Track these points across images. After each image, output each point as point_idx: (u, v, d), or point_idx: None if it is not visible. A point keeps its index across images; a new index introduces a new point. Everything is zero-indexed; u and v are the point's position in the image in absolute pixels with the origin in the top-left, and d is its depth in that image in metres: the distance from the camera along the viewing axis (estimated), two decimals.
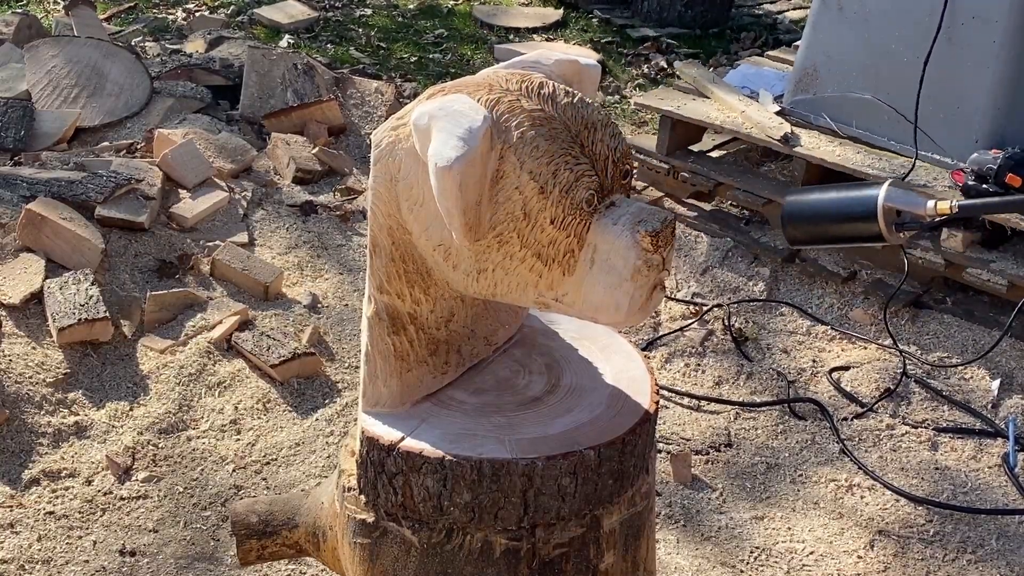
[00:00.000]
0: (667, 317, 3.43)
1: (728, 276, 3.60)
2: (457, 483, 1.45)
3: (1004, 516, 2.70)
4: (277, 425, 2.91)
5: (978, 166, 3.24)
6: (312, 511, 1.75)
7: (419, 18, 6.00)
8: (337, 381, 3.07)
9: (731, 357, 3.26)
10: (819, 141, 3.62)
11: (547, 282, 1.40)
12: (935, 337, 3.33)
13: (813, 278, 3.58)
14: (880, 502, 2.74)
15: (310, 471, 2.75)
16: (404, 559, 1.52)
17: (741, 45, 5.74)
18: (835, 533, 2.64)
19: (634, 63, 5.47)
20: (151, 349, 3.10)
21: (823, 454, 2.90)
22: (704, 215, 3.86)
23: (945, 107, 3.41)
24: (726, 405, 3.07)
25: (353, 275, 3.53)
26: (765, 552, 2.58)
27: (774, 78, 4.02)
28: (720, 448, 2.91)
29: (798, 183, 3.61)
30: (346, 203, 3.90)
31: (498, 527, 1.48)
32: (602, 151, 1.39)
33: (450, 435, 1.49)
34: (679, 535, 2.62)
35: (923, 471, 2.84)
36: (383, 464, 1.48)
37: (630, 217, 1.38)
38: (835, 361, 3.25)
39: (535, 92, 1.40)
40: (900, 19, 3.46)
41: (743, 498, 2.75)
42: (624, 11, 6.12)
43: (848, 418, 3.02)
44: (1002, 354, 3.22)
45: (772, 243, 3.69)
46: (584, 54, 1.49)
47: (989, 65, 3.31)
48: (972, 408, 3.05)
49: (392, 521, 1.51)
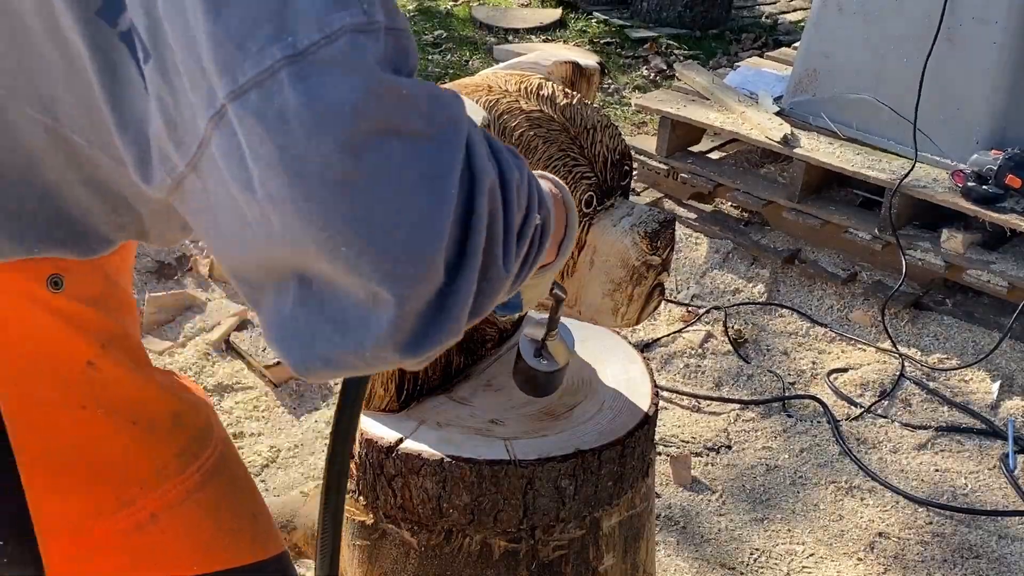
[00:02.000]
0: (666, 319, 3.43)
1: (728, 278, 3.60)
2: (456, 485, 1.44)
3: (1003, 518, 2.70)
4: (275, 427, 2.90)
5: (978, 167, 3.24)
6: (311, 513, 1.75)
7: (418, 19, 5.99)
8: (336, 382, 3.07)
9: (730, 359, 3.25)
10: (819, 142, 3.62)
11: None
12: (935, 339, 3.33)
13: (813, 280, 3.58)
14: (880, 504, 2.73)
15: (308, 473, 2.75)
16: (403, 561, 1.52)
17: (741, 46, 5.73)
18: (835, 535, 2.64)
19: (633, 64, 5.47)
20: (149, 351, 3.09)
21: (823, 456, 2.89)
22: (704, 217, 3.86)
23: (945, 108, 3.41)
24: (726, 407, 3.06)
25: None
26: (765, 554, 2.58)
27: (774, 79, 4.02)
28: (720, 450, 2.91)
29: (798, 184, 3.60)
30: None
31: (497, 529, 1.47)
32: (601, 152, 1.39)
33: (449, 437, 1.49)
34: (679, 537, 2.62)
35: (923, 473, 2.84)
36: (382, 466, 1.48)
37: (630, 219, 1.38)
38: (835, 363, 3.25)
39: (534, 93, 1.39)
40: (900, 20, 3.46)
41: (743, 500, 2.74)
42: (623, 12, 6.12)
43: (848, 419, 3.02)
44: (1002, 356, 3.21)
45: (772, 245, 3.69)
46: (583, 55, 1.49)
47: (989, 66, 3.31)
48: (972, 410, 3.05)
49: (391, 523, 1.51)
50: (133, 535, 1.05)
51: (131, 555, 1.06)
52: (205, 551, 1.10)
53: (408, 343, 0.79)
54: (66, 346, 1.01)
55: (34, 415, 0.99)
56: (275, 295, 0.81)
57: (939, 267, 3.37)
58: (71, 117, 0.88)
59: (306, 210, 0.74)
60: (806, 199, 3.63)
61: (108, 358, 1.03)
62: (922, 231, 3.47)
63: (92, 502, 1.03)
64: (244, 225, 0.78)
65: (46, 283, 0.98)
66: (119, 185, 0.93)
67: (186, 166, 0.79)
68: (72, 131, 0.89)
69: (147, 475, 1.06)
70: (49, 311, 0.99)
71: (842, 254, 3.63)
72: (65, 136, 0.89)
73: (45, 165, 0.92)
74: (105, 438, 1.03)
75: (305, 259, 0.77)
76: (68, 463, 1.01)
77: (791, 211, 3.64)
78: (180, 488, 1.08)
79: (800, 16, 6.17)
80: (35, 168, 0.92)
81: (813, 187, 3.65)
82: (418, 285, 0.77)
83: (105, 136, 0.85)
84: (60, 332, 1.00)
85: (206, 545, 1.10)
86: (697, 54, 5.53)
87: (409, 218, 0.76)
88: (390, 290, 0.76)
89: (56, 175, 0.92)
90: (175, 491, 1.07)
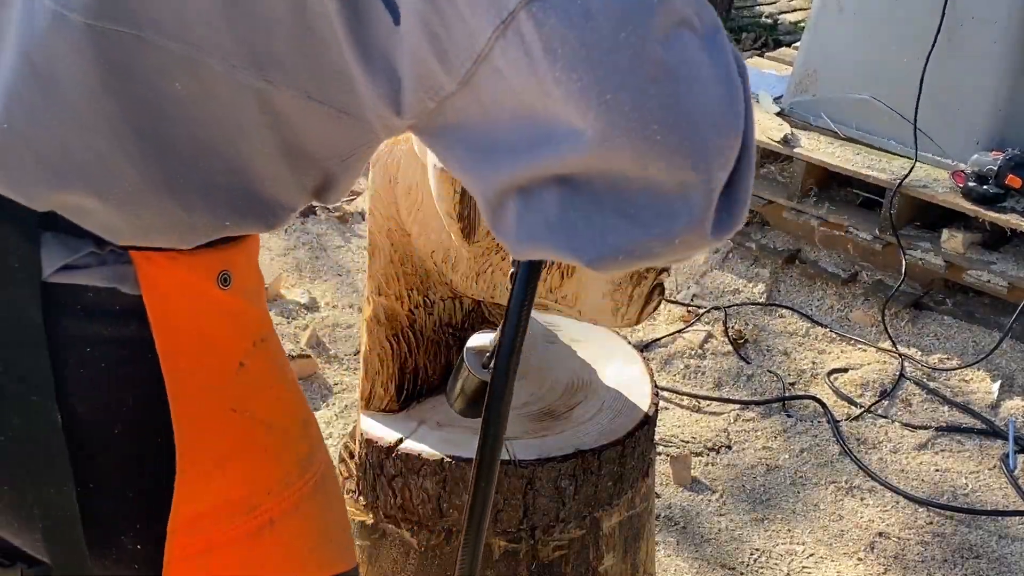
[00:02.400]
0: (666, 319, 3.43)
1: (728, 278, 3.60)
2: (456, 485, 1.44)
3: (1003, 518, 2.70)
4: None
5: (978, 167, 3.24)
6: None
7: None
8: (335, 383, 3.07)
9: (730, 359, 3.25)
10: (819, 142, 3.62)
11: (546, 284, 1.40)
12: (935, 339, 3.33)
13: (813, 280, 3.58)
14: (880, 504, 2.73)
15: None
16: (403, 561, 1.52)
17: (741, 46, 5.73)
18: (835, 535, 2.64)
19: None
20: None
21: (823, 456, 2.89)
22: None
23: (945, 108, 3.41)
24: (726, 407, 3.06)
25: (352, 277, 3.53)
26: (765, 554, 2.58)
27: (774, 79, 4.02)
28: (720, 450, 2.90)
29: (798, 184, 3.60)
30: (345, 205, 3.90)
31: (498, 529, 1.47)
32: None
33: (449, 437, 1.49)
34: (679, 537, 2.62)
35: (923, 473, 2.84)
36: (382, 466, 1.48)
37: None
38: (835, 363, 3.25)
39: None
40: (900, 20, 3.46)
41: (743, 500, 2.74)
42: None
43: (848, 419, 3.02)
44: (1002, 356, 3.21)
45: (772, 245, 3.69)
46: None
47: (989, 66, 3.31)
48: (972, 409, 3.05)
49: (391, 523, 1.51)
50: (252, 539, 1.06)
51: (245, 559, 1.06)
52: (307, 559, 1.11)
53: (717, 224, 0.82)
54: (227, 344, 1.01)
55: (196, 418, 0.99)
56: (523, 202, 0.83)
57: (939, 267, 3.37)
58: (290, 73, 0.88)
59: (615, 104, 0.76)
60: (806, 199, 3.63)
61: (257, 357, 1.03)
62: (922, 231, 3.47)
63: (226, 506, 1.03)
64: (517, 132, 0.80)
65: (216, 280, 0.99)
66: (322, 144, 0.93)
67: (458, 83, 0.81)
68: (289, 87, 0.88)
69: (274, 481, 1.06)
70: (219, 309, 0.99)
71: (842, 254, 3.63)
72: (275, 100, 0.89)
73: (242, 137, 0.91)
74: (247, 442, 1.04)
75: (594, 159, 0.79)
76: (215, 466, 1.01)
77: (791, 211, 3.64)
78: (297, 495, 1.08)
79: (800, 16, 6.17)
80: (231, 141, 0.91)
81: (813, 187, 3.65)
82: (723, 168, 0.80)
83: (334, 83, 0.86)
84: (224, 330, 1.00)
85: (310, 553, 1.11)
86: None
87: (714, 103, 0.79)
88: (701, 174, 0.79)
89: (250, 147, 0.92)
90: (292, 498, 1.08)
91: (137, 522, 1.02)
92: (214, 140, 0.91)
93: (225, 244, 0.99)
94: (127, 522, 1.02)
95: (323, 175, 0.97)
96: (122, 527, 1.02)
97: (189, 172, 0.92)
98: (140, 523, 1.01)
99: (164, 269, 0.96)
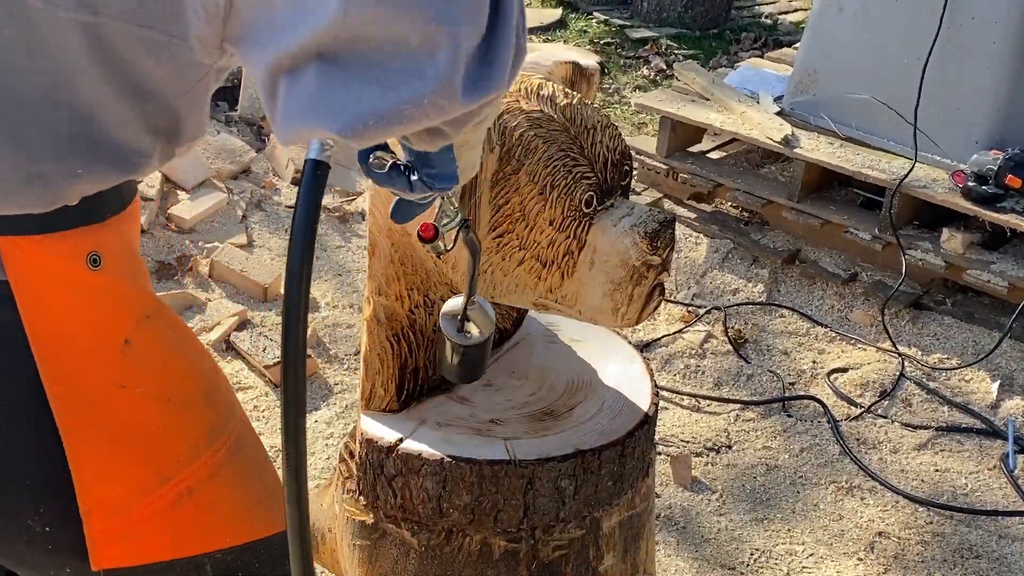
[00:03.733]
0: (666, 319, 3.43)
1: (728, 278, 3.60)
2: (456, 485, 1.44)
3: (1003, 518, 2.70)
4: (276, 427, 2.90)
5: (978, 167, 3.24)
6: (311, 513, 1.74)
7: None
8: (335, 383, 3.07)
9: (730, 359, 3.25)
10: (819, 142, 3.62)
11: (546, 284, 1.39)
12: (935, 338, 3.33)
13: (813, 280, 3.58)
14: (880, 504, 2.73)
15: (309, 473, 2.75)
16: (403, 561, 1.52)
17: (741, 46, 5.73)
18: (835, 535, 2.64)
19: (633, 64, 5.47)
20: None
21: (823, 456, 2.89)
22: (704, 216, 3.86)
23: (945, 108, 3.41)
24: (726, 407, 3.06)
25: (352, 277, 3.53)
26: (765, 554, 2.58)
27: (774, 79, 4.02)
28: (720, 450, 2.91)
29: (798, 184, 3.61)
30: (345, 204, 3.90)
31: (497, 529, 1.47)
32: (601, 152, 1.39)
33: (449, 437, 1.49)
34: (679, 537, 2.62)
35: (923, 473, 2.84)
36: (382, 466, 1.48)
37: (630, 219, 1.38)
38: (835, 363, 3.25)
39: (534, 93, 1.39)
40: (900, 20, 3.46)
41: (743, 500, 2.74)
42: (623, 12, 6.12)
43: (848, 419, 3.02)
44: (1002, 356, 3.21)
45: (772, 245, 3.69)
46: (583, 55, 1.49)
47: (989, 66, 3.31)
48: (972, 409, 3.05)
49: (391, 523, 1.51)
50: (172, 511, 1.07)
51: (171, 531, 1.07)
52: (235, 523, 1.12)
53: (465, 86, 0.82)
54: (106, 324, 1.01)
55: (78, 398, 1.00)
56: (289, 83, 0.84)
57: (939, 267, 3.37)
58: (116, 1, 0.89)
59: None
60: (806, 199, 3.63)
61: (143, 334, 1.04)
62: (922, 231, 3.47)
63: (135, 481, 1.04)
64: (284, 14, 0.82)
65: (86, 261, 0.99)
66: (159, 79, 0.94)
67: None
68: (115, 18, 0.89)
69: (182, 451, 1.07)
70: (90, 290, 1.00)
71: (842, 254, 3.63)
72: (104, 35, 0.90)
73: (80, 80, 0.92)
74: (143, 416, 1.04)
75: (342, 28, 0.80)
76: (112, 444, 1.02)
77: (791, 211, 3.64)
78: (210, 462, 1.09)
79: (800, 16, 6.17)
80: (69, 86, 0.92)
81: (813, 187, 3.65)
82: (469, 22, 0.80)
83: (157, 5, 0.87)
84: (100, 309, 1.01)
85: (236, 517, 1.12)
86: (697, 54, 5.53)
87: None
88: (445, 25, 0.79)
89: (90, 91, 0.93)
90: (206, 466, 1.09)
91: (40, 506, 1.02)
92: (53, 87, 0.92)
93: (91, 224, 1.00)
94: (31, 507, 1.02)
95: (168, 113, 0.98)
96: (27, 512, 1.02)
97: (31, 122, 0.93)
98: (43, 506, 1.02)
99: (30, 253, 0.97)
